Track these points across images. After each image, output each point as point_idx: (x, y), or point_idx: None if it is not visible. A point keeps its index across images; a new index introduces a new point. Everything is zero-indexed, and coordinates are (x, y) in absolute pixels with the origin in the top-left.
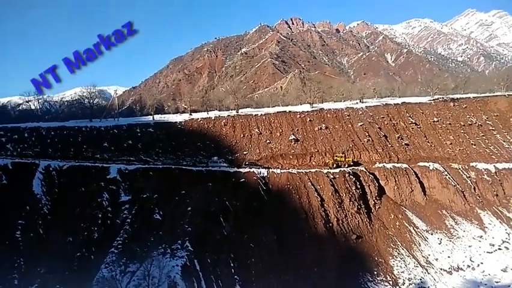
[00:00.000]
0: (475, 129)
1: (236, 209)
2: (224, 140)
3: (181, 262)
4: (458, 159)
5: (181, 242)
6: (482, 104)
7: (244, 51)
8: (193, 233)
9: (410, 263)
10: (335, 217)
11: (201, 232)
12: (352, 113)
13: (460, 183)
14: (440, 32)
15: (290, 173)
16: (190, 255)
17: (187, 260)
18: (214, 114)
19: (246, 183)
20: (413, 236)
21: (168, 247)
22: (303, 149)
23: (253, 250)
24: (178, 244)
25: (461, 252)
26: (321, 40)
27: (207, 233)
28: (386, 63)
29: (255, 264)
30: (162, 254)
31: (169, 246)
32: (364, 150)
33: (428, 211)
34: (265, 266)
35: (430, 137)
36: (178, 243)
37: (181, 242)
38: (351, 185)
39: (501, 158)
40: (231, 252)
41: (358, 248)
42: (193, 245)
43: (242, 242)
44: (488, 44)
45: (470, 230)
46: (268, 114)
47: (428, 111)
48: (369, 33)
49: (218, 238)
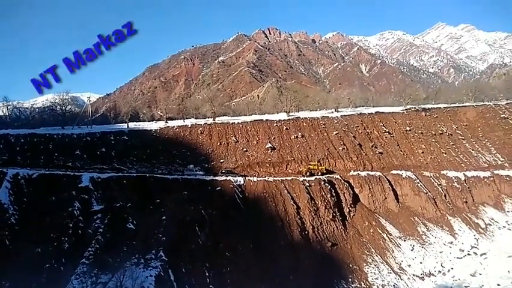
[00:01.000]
0: (446, 138)
1: (212, 218)
2: (200, 148)
3: (155, 272)
4: (430, 168)
5: (155, 251)
6: (452, 114)
7: (222, 59)
8: (168, 243)
9: (383, 269)
10: (310, 225)
11: (176, 241)
12: (327, 121)
13: (431, 191)
14: (412, 44)
15: (266, 181)
16: (164, 265)
17: (161, 270)
18: (190, 122)
19: (222, 192)
20: (387, 243)
21: (142, 257)
22: (280, 157)
23: (228, 259)
24: (152, 254)
25: (433, 258)
26: (298, 50)
27: (182, 242)
28: (360, 73)
29: (231, 273)
30: (135, 264)
31: (143, 256)
32: (339, 158)
33: (401, 218)
34: (241, 274)
35: (403, 146)
36: (152, 253)
37: (155, 252)
38: (327, 192)
39: (470, 166)
40: (206, 262)
41: (333, 255)
42: (168, 255)
43: (218, 250)
44: (457, 56)
45: (441, 236)
46: (245, 123)
47: (400, 121)
48: (344, 44)
49: (193, 247)
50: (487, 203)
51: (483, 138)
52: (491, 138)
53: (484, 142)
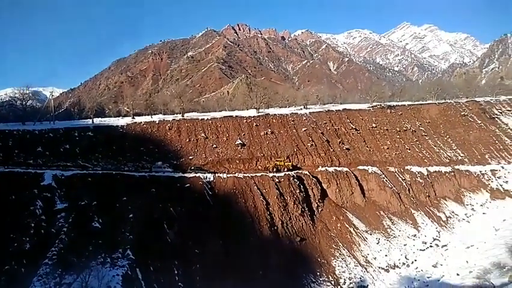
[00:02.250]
0: (410, 134)
1: (181, 215)
2: (169, 145)
3: (122, 271)
4: (394, 163)
5: (122, 250)
6: (416, 111)
7: (191, 55)
8: (135, 241)
9: (350, 262)
10: (279, 220)
11: (144, 239)
12: (296, 118)
13: (396, 186)
14: (378, 42)
15: (236, 178)
16: (132, 264)
17: (128, 269)
18: (158, 118)
19: (191, 189)
20: (354, 237)
21: (108, 256)
22: (250, 153)
23: (198, 256)
24: (119, 253)
25: (397, 251)
26: (267, 47)
27: (150, 241)
28: (328, 71)
29: (200, 270)
30: (101, 263)
31: (109, 255)
32: (308, 154)
33: (367, 212)
34: (210, 271)
35: (369, 142)
36: (119, 252)
37: (122, 251)
38: (296, 188)
39: (432, 162)
40: (175, 259)
41: (302, 250)
42: (135, 253)
43: (186, 248)
44: (421, 55)
45: (405, 229)
46: (214, 119)
47: (367, 118)
48: (313, 42)
49: (161, 245)
50: (448, 197)
51: (444, 134)
52: (452, 135)
53: (445, 138)
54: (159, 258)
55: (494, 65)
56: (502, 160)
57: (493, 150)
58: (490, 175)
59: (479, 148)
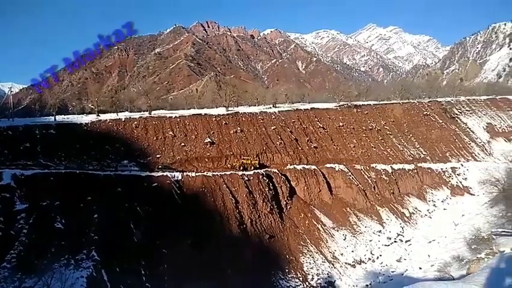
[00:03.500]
0: (375, 133)
1: (148, 215)
2: (135, 143)
3: (86, 273)
4: (360, 161)
5: (86, 251)
6: (381, 111)
7: (158, 51)
8: (101, 242)
9: (318, 259)
10: (248, 218)
11: (109, 240)
12: (266, 117)
13: (361, 183)
14: (345, 43)
15: (205, 176)
16: (97, 265)
17: (93, 271)
18: (124, 115)
19: (158, 188)
20: (321, 233)
21: (72, 258)
22: (219, 151)
23: (166, 256)
24: (84, 254)
25: (363, 247)
26: (237, 45)
27: (116, 241)
28: (297, 70)
29: (168, 270)
30: (65, 265)
31: (73, 256)
32: (277, 152)
33: (334, 209)
34: (179, 271)
35: (336, 141)
36: (84, 253)
37: (87, 252)
38: (265, 186)
39: (396, 160)
40: (142, 260)
41: (271, 247)
42: (101, 255)
43: (154, 248)
44: (386, 56)
45: (370, 225)
46: (183, 117)
47: (334, 117)
48: (282, 41)
49: (128, 246)
50: (411, 194)
51: (408, 133)
52: (415, 134)
53: (409, 137)
54: (126, 259)
55: (454, 66)
56: (462, 158)
57: (453, 148)
58: (450, 172)
59: (440, 146)
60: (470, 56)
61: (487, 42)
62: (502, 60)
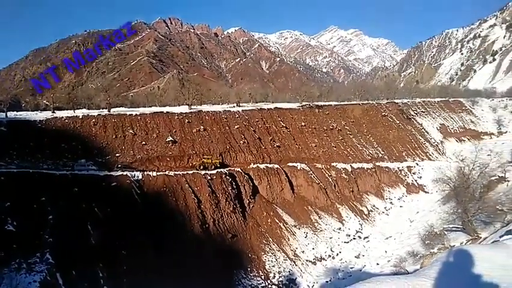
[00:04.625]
0: (336, 133)
1: (106, 215)
2: (93, 141)
3: (39, 277)
4: (322, 160)
5: (40, 254)
6: (342, 111)
7: (119, 47)
8: (55, 244)
9: (280, 257)
10: (211, 218)
11: (65, 242)
12: (229, 116)
13: (322, 181)
14: (308, 44)
15: (167, 176)
16: (51, 269)
17: (47, 274)
18: (82, 112)
19: (118, 188)
20: (283, 232)
21: (24, 261)
22: (181, 150)
23: (125, 257)
24: (37, 257)
25: (324, 244)
26: (200, 42)
27: (72, 243)
28: (261, 70)
29: (128, 272)
30: (16, 269)
31: (25, 260)
32: (240, 151)
33: (296, 207)
34: (139, 272)
35: (298, 140)
36: (37, 256)
37: (41, 255)
38: (228, 185)
39: (356, 159)
40: (100, 262)
41: (233, 246)
42: (55, 257)
43: (113, 250)
44: (347, 58)
45: (331, 223)
46: (144, 115)
47: (296, 116)
48: (246, 40)
49: (85, 248)
50: (370, 192)
51: (367, 133)
52: (374, 134)
53: (367, 137)
54: (82, 261)
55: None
56: (417, 157)
57: (409, 148)
58: (406, 171)
59: (397, 146)
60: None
61: (441, 47)
62: (454, 64)
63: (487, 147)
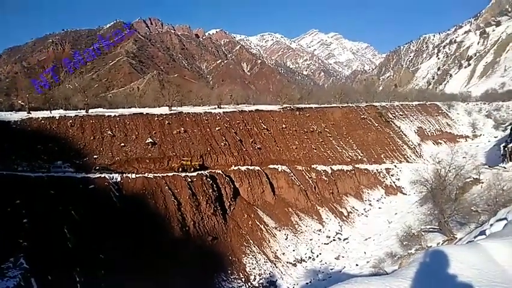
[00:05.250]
0: (316, 135)
1: (84, 218)
2: (70, 143)
3: (13, 283)
4: (302, 162)
5: (13, 259)
6: (322, 114)
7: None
8: (30, 248)
9: (260, 259)
10: (191, 220)
11: (40, 246)
12: (210, 117)
13: (303, 183)
14: (289, 47)
15: (146, 178)
16: (26, 274)
17: (21, 280)
18: (59, 113)
19: (96, 190)
20: (264, 234)
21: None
22: (161, 152)
23: (103, 261)
24: (10, 262)
25: (304, 246)
26: (181, 44)
27: (48, 247)
28: (242, 71)
29: (106, 276)
30: None
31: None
32: (221, 153)
33: (277, 209)
34: (118, 276)
35: (279, 142)
36: (10, 261)
37: (14, 260)
38: (208, 187)
39: (336, 161)
40: (77, 266)
41: (214, 249)
42: (30, 262)
43: (90, 253)
44: (327, 61)
45: (311, 224)
46: (123, 116)
47: (277, 119)
48: (227, 42)
49: (61, 252)
50: (349, 193)
51: (347, 135)
52: (353, 136)
53: (347, 139)
54: (58, 266)
55: (389, 73)
56: (395, 160)
57: (387, 150)
58: (384, 173)
59: (376, 148)
60: (403, 64)
61: (418, 52)
62: (431, 68)
63: (462, 149)
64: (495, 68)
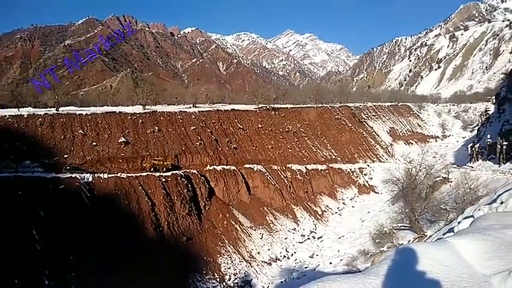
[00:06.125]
0: (291, 135)
1: (53, 220)
2: (40, 142)
3: None
4: (278, 162)
5: None
6: (297, 114)
7: (68, 43)
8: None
9: (235, 259)
10: (165, 221)
11: (7, 249)
12: (185, 116)
13: (278, 183)
14: (265, 47)
15: (119, 178)
16: None
17: None
18: (27, 111)
19: (66, 190)
20: (239, 233)
21: None
22: (134, 152)
23: (74, 263)
24: None
25: (279, 245)
26: (156, 42)
27: (15, 250)
28: (218, 71)
29: (76, 278)
30: None
31: None
32: (196, 153)
33: (252, 209)
34: (89, 278)
35: (255, 142)
36: None
37: None
38: (183, 187)
39: (310, 160)
40: (46, 269)
41: (188, 249)
42: None
43: (60, 256)
44: (302, 62)
45: (286, 224)
46: (95, 114)
47: (253, 118)
48: (203, 41)
49: (30, 254)
50: (324, 192)
51: (321, 135)
52: (328, 136)
53: (322, 139)
54: (26, 268)
55: (363, 74)
56: (368, 159)
57: (360, 150)
58: (358, 172)
59: (349, 148)
60: (376, 66)
61: (391, 54)
62: (403, 70)
63: (432, 149)
64: (463, 71)
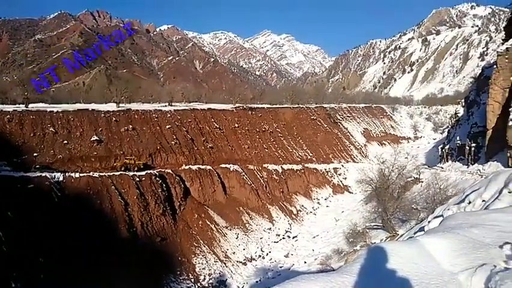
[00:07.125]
0: (268, 135)
1: (22, 220)
2: (8, 140)
3: None
4: (254, 161)
5: None
6: (274, 114)
7: (39, 38)
8: None
9: (210, 259)
10: (139, 221)
11: None
12: (161, 115)
13: (254, 183)
14: (242, 46)
15: (91, 177)
16: None
17: None
18: None
19: (35, 190)
20: (214, 233)
21: None
22: (107, 150)
23: (43, 265)
24: None
25: (254, 244)
26: (131, 38)
27: None
28: (194, 69)
29: (46, 280)
30: None
31: None
32: (172, 152)
33: (228, 209)
34: (59, 280)
35: (231, 141)
36: None
37: None
38: (158, 187)
39: (286, 160)
40: (13, 271)
41: (162, 250)
42: None
43: (29, 257)
44: (279, 62)
45: (261, 223)
46: (66, 112)
47: (230, 118)
48: (180, 39)
49: None
50: (299, 192)
51: (297, 136)
52: (303, 136)
53: (297, 139)
54: None
55: (338, 76)
56: (342, 159)
57: (335, 150)
58: (332, 172)
59: (324, 149)
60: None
61: (366, 56)
62: (377, 72)
63: (404, 150)
64: (435, 74)
